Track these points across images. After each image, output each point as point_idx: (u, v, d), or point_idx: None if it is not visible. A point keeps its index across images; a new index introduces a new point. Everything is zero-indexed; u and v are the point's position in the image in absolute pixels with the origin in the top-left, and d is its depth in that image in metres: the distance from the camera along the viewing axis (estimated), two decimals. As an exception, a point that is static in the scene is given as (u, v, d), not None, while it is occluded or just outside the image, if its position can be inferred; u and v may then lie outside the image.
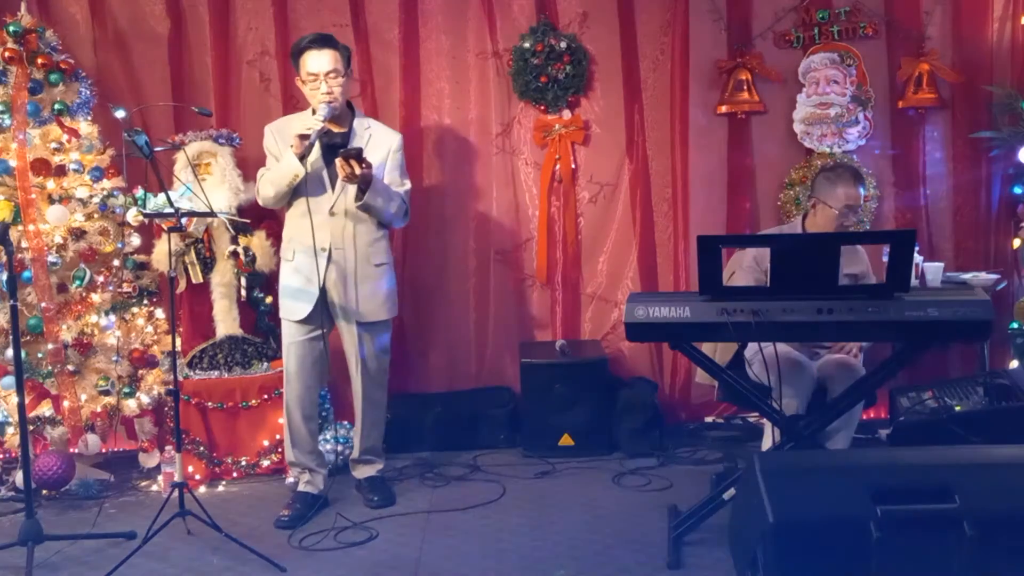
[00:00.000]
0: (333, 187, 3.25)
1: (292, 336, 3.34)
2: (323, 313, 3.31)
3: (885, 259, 2.71)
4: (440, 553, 2.97)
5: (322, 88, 3.17)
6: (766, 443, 3.17)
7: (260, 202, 3.35)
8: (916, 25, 4.13)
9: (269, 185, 3.24)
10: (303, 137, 3.11)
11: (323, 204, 3.24)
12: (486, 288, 4.33)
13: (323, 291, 3.27)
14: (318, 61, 3.18)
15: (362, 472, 3.51)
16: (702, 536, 2.92)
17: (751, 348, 3.06)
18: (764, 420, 3.23)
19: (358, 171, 3.07)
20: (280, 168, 3.20)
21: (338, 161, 3.08)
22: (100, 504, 3.50)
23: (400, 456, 3.92)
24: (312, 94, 3.22)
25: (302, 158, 3.14)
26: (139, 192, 3.58)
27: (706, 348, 3.14)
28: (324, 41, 3.21)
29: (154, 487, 3.70)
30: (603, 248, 4.33)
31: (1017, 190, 4.06)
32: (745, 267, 3.30)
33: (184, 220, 3.07)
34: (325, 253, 3.25)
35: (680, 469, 3.73)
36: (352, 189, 3.20)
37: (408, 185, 3.42)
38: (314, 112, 3.21)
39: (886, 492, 2.12)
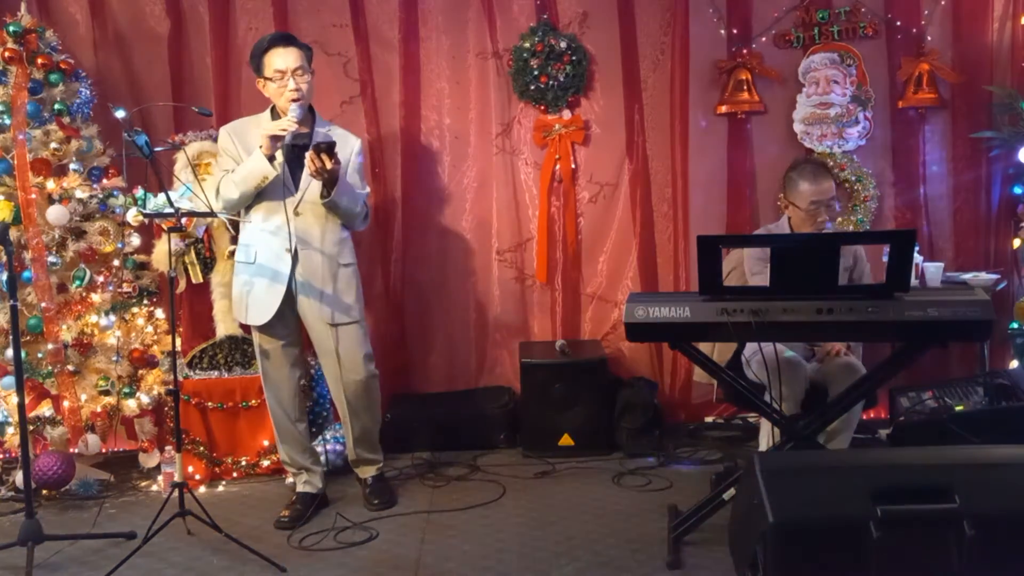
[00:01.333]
0: (297, 187, 3.19)
1: (263, 344, 3.29)
2: (292, 317, 3.26)
3: (885, 259, 2.70)
4: (440, 553, 2.97)
5: (290, 85, 3.11)
6: (763, 443, 3.17)
7: (220, 205, 3.20)
8: (916, 25, 4.13)
9: (233, 187, 3.12)
10: (275, 138, 3.04)
11: (288, 205, 3.15)
12: (486, 288, 4.33)
13: (291, 294, 3.21)
14: (284, 58, 3.12)
15: (363, 472, 3.50)
16: (702, 536, 2.92)
17: (750, 348, 3.06)
18: (761, 419, 3.21)
19: (329, 165, 3.00)
20: (248, 169, 3.09)
21: (309, 154, 3.01)
22: (100, 504, 3.50)
23: (400, 456, 3.92)
24: (279, 92, 3.14)
25: (271, 159, 3.07)
26: (139, 192, 3.58)
27: (704, 348, 3.14)
28: (287, 39, 3.18)
29: (154, 487, 3.70)
30: (603, 248, 4.33)
31: (1017, 190, 4.06)
32: (755, 260, 3.30)
33: (184, 220, 3.06)
34: (290, 255, 3.18)
35: (680, 469, 3.73)
36: (314, 189, 3.13)
37: (367, 190, 3.39)
38: (273, 113, 3.18)
39: (886, 492, 2.12)
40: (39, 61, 3.59)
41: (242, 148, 3.18)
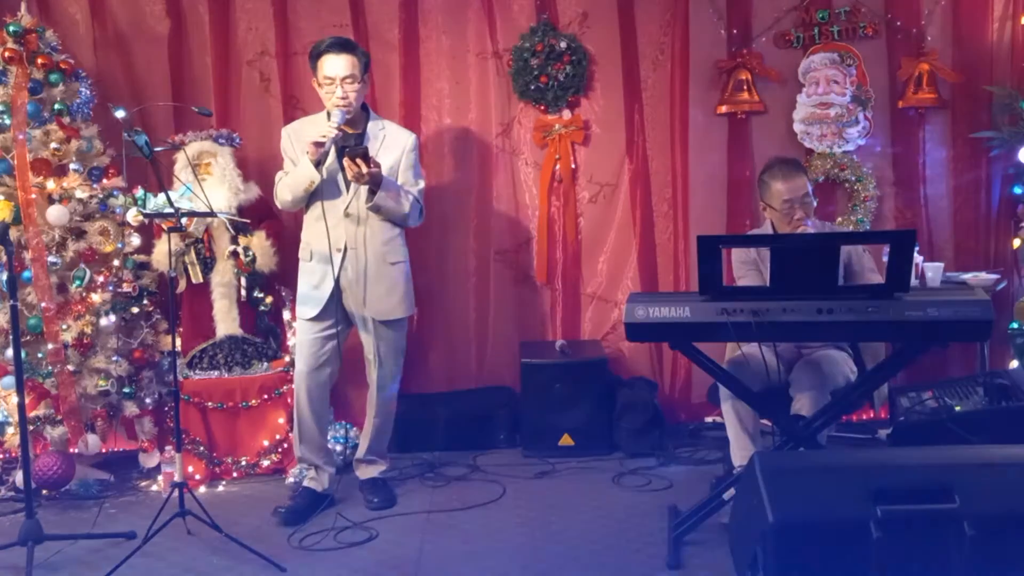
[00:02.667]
0: (348, 189, 3.26)
1: (304, 334, 3.35)
2: (338, 313, 3.32)
3: (885, 259, 2.70)
4: (440, 553, 2.97)
5: (337, 92, 3.19)
6: (735, 459, 3.07)
7: (278, 205, 3.38)
8: (916, 25, 4.13)
9: (287, 190, 3.26)
10: (318, 144, 3.13)
11: (338, 205, 3.26)
12: (486, 288, 4.33)
13: (339, 291, 3.30)
14: (335, 65, 3.19)
15: (364, 472, 3.51)
16: (702, 536, 2.92)
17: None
18: (730, 434, 3.14)
19: (365, 170, 3.08)
20: (296, 174, 3.22)
21: (345, 160, 3.11)
22: (100, 504, 3.50)
23: (400, 456, 3.91)
24: (327, 97, 3.23)
25: (317, 164, 3.16)
26: (139, 192, 3.58)
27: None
28: (343, 46, 3.23)
29: (154, 487, 3.70)
30: (603, 248, 4.33)
31: (1017, 190, 4.06)
32: (739, 264, 3.29)
33: (184, 220, 3.07)
34: (340, 253, 3.27)
35: (680, 469, 3.73)
36: (364, 190, 3.22)
37: (422, 184, 3.43)
38: (329, 116, 3.22)
39: (886, 492, 2.12)
40: (39, 61, 3.59)
41: (299, 148, 3.28)
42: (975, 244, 4.20)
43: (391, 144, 3.33)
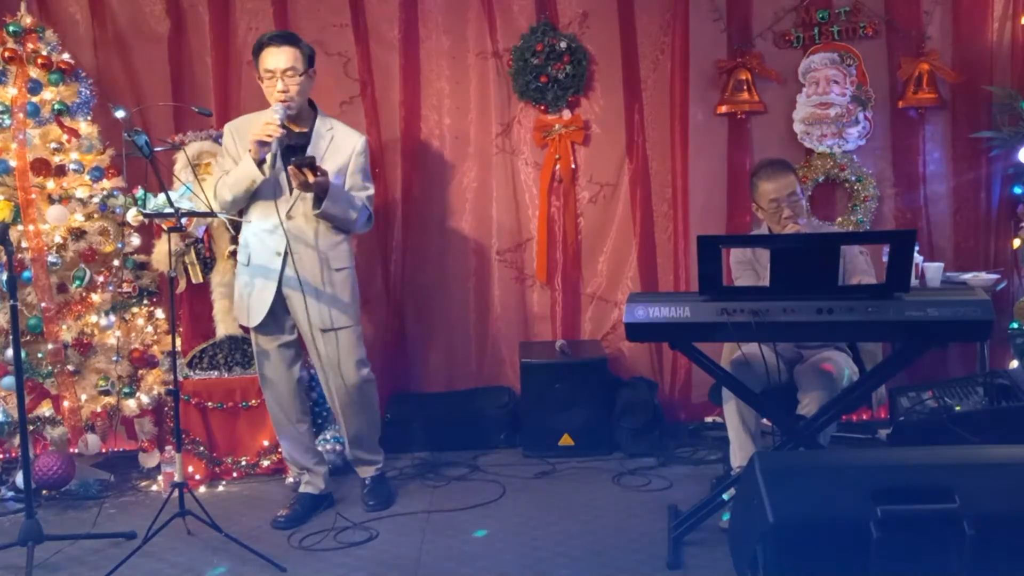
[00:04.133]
0: (290, 190, 3.13)
1: (260, 344, 3.28)
2: (286, 319, 3.25)
3: (885, 259, 2.70)
4: (440, 553, 2.97)
5: (278, 86, 3.07)
6: (734, 460, 3.09)
7: (217, 207, 3.18)
8: (916, 25, 4.13)
9: (227, 190, 3.12)
10: (262, 144, 3.01)
11: (280, 207, 3.12)
12: (486, 288, 4.33)
13: (282, 297, 3.20)
14: (275, 58, 3.08)
15: (362, 472, 3.50)
16: (702, 536, 2.92)
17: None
18: (731, 434, 3.16)
19: (311, 180, 2.98)
20: (237, 173, 3.09)
21: (289, 169, 3.00)
22: (100, 504, 3.50)
23: (400, 456, 3.92)
24: (269, 92, 3.12)
25: (260, 163, 3.05)
26: (139, 192, 3.58)
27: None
28: (284, 38, 3.12)
29: (154, 487, 3.70)
30: (603, 248, 4.33)
31: (1017, 190, 4.05)
32: (735, 264, 3.29)
33: (184, 220, 3.07)
34: (280, 258, 3.14)
35: (680, 469, 3.72)
36: (307, 193, 3.11)
37: (371, 190, 3.28)
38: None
39: (886, 492, 2.12)
40: (39, 61, 3.59)
41: (242, 147, 3.15)
42: (975, 244, 4.20)
43: (340, 146, 3.20)
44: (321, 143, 3.19)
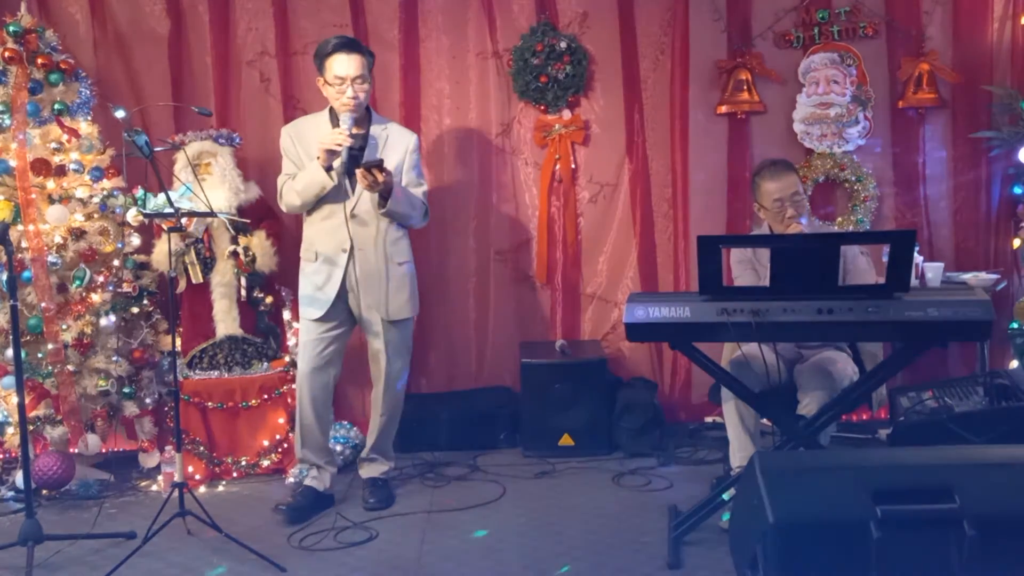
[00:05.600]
0: (353, 190, 3.25)
1: (308, 334, 3.34)
2: (342, 314, 3.33)
3: (885, 259, 2.70)
4: (440, 553, 2.97)
5: (348, 92, 3.17)
6: (734, 460, 3.09)
7: (283, 209, 3.38)
8: (916, 25, 4.13)
9: (295, 195, 3.25)
10: (331, 152, 3.12)
11: (344, 207, 3.25)
12: (486, 288, 4.33)
13: (345, 292, 3.30)
14: (347, 65, 3.17)
15: (367, 471, 3.50)
16: (702, 536, 2.92)
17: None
18: (730, 435, 3.15)
19: (380, 179, 3.09)
20: (306, 179, 3.21)
21: (359, 172, 3.10)
22: (100, 504, 3.50)
23: (400, 456, 3.90)
24: (336, 97, 3.21)
25: (328, 169, 3.15)
26: (139, 192, 3.58)
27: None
28: (353, 45, 3.21)
29: (154, 487, 3.70)
30: (603, 248, 4.33)
31: (1017, 190, 4.05)
32: (736, 264, 3.29)
33: (184, 220, 3.07)
34: (346, 255, 3.26)
35: (680, 469, 3.72)
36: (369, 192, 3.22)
37: (425, 186, 3.44)
38: (331, 114, 3.24)
39: (886, 492, 2.12)
40: (39, 61, 3.59)
41: (302, 149, 3.27)
42: (975, 244, 4.20)
43: (395, 144, 3.32)
44: (378, 143, 3.29)
